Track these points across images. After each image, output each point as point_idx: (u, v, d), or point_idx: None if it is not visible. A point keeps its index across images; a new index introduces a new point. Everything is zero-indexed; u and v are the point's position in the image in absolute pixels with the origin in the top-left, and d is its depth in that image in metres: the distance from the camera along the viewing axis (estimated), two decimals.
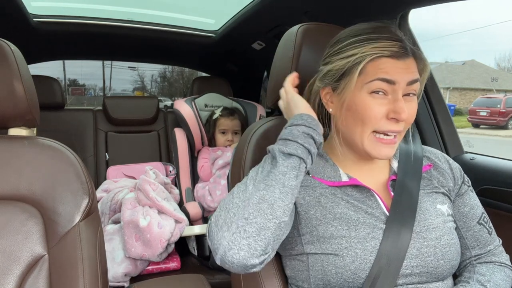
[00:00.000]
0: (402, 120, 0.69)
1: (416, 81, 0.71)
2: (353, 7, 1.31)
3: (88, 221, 0.74)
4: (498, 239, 0.82)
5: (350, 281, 0.67)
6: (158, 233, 1.51)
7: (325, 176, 0.76)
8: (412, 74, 0.70)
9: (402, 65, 0.69)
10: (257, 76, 2.51)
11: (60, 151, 0.76)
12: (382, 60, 0.69)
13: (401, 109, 0.68)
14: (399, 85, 0.69)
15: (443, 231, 0.72)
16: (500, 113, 12.06)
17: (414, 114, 0.72)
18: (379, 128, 0.70)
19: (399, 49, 0.69)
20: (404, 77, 0.69)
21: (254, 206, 0.62)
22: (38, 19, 1.89)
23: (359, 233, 0.69)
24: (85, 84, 19.09)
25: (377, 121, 0.69)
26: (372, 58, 0.68)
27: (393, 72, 0.68)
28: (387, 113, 0.69)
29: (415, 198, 0.73)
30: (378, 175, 0.78)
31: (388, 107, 0.69)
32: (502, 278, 0.75)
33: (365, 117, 0.70)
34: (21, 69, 0.75)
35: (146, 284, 0.89)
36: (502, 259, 0.80)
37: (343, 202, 0.72)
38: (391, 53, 0.68)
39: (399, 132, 0.71)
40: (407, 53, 0.70)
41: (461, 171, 0.83)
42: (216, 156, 1.91)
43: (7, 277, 0.68)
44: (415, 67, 0.71)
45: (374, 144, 0.71)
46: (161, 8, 2.13)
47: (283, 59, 0.94)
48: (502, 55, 40.99)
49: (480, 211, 0.81)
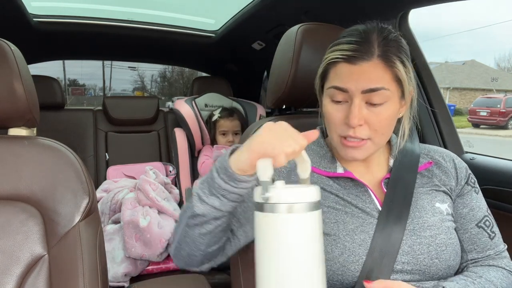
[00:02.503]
0: (353, 126, 0.67)
1: (375, 90, 0.66)
2: (353, 7, 1.31)
3: (88, 221, 0.74)
4: (503, 245, 0.77)
5: (339, 274, 0.67)
6: (158, 233, 1.51)
7: (321, 166, 0.77)
8: (368, 80, 0.66)
9: (357, 70, 0.67)
10: (257, 76, 2.51)
11: (60, 151, 0.76)
12: (339, 65, 0.69)
13: (352, 115, 0.67)
14: (353, 92, 0.67)
15: (440, 229, 0.71)
16: (500, 113, 12.07)
17: (382, 120, 0.69)
18: (341, 133, 0.71)
19: (355, 52, 0.66)
20: (357, 85, 0.66)
21: (182, 237, 0.68)
22: (38, 19, 1.89)
23: (347, 226, 0.69)
24: (85, 84, 19.07)
25: (337, 127, 0.71)
26: (332, 62, 0.70)
27: (346, 79, 0.67)
28: (344, 118, 0.69)
29: (410, 195, 0.73)
30: (375, 172, 0.78)
31: (345, 112, 0.69)
32: (497, 276, 0.71)
33: (329, 122, 0.73)
34: (21, 69, 0.75)
35: (146, 284, 0.89)
36: (502, 264, 0.75)
37: (332, 196, 0.73)
38: (346, 57, 0.67)
39: (359, 138, 0.69)
40: (366, 56, 0.66)
41: (467, 171, 0.80)
42: (219, 154, 1.90)
43: (7, 277, 0.68)
44: (377, 71, 0.67)
45: (341, 146, 0.72)
46: (161, 8, 2.13)
47: (283, 59, 0.94)
48: (502, 55, 41.04)
49: (482, 213, 0.77)
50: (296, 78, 0.91)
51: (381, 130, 0.70)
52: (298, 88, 0.92)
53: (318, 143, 0.80)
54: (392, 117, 0.71)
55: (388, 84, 0.68)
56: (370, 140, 0.71)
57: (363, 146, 0.71)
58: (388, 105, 0.69)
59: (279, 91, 0.96)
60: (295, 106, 1.05)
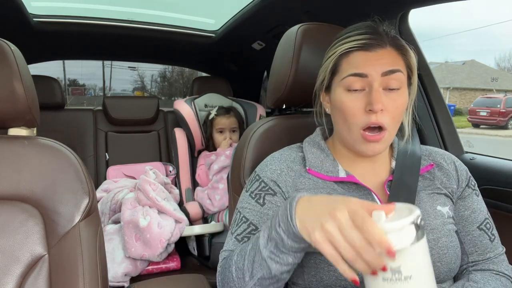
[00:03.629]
0: (376, 111, 0.67)
1: (394, 72, 0.69)
2: (353, 7, 1.31)
3: (88, 221, 0.74)
4: (501, 247, 0.78)
5: (342, 279, 0.67)
6: (158, 233, 1.51)
7: (323, 170, 0.76)
8: (387, 64, 0.68)
9: (374, 56, 0.69)
10: (257, 76, 2.51)
11: (60, 151, 0.76)
12: (353, 54, 0.70)
13: (374, 99, 0.67)
14: (372, 77, 0.68)
15: (442, 233, 0.71)
16: (500, 113, 12.06)
17: (399, 106, 0.70)
18: (361, 123, 0.70)
19: (369, 40, 0.69)
20: (376, 69, 0.68)
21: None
22: (38, 19, 1.89)
23: None
24: (85, 84, 19.11)
25: (356, 116, 0.70)
26: (345, 53, 0.71)
27: (363, 65, 0.69)
28: (364, 106, 0.69)
29: (412, 198, 0.73)
30: (378, 174, 0.78)
31: (365, 100, 0.69)
32: (496, 286, 0.71)
33: (346, 114, 0.71)
34: (21, 69, 0.75)
35: (146, 284, 0.89)
36: (501, 268, 0.75)
37: None
38: (361, 45, 0.70)
39: (381, 125, 0.69)
40: (380, 43, 0.69)
41: (467, 174, 0.80)
42: (210, 161, 1.90)
43: (7, 277, 0.68)
44: (393, 57, 0.70)
45: (362, 141, 0.71)
46: (161, 8, 2.13)
47: (283, 59, 0.94)
48: (502, 55, 41.07)
49: (483, 216, 0.77)
50: (296, 78, 0.91)
51: (397, 117, 0.71)
52: (298, 88, 0.92)
53: (318, 145, 0.80)
54: (405, 106, 0.72)
55: (402, 69, 0.71)
56: (387, 130, 0.70)
57: (383, 138, 0.71)
58: (402, 91, 0.71)
59: (279, 91, 0.96)
60: (295, 106, 1.05)
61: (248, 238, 0.72)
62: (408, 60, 0.72)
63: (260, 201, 0.74)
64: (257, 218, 0.73)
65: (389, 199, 0.73)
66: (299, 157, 0.79)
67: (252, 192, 0.76)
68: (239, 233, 0.73)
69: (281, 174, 0.76)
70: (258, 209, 0.74)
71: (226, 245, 0.75)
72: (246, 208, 0.75)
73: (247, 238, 0.72)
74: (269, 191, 0.75)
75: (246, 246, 0.66)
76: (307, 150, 0.80)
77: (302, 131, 0.88)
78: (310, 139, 0.82)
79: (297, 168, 0.77)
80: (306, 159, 0.78)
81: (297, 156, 0.80)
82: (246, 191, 0.78)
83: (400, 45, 0.71)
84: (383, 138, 0.70)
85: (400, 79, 0.70)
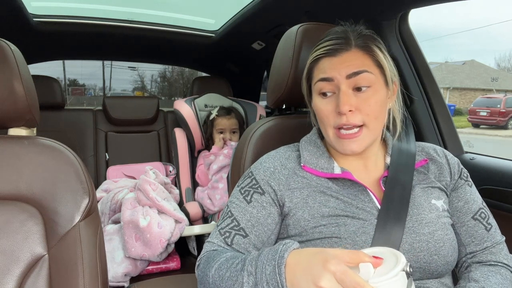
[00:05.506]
0: (344, 112, 0.70)
1: (359, 73, 0.71)
2: (353, 7, 1.31)
3: (88, 221, 0.74)
4: (500, 236, 0.78)
5: None
6: (158, 233, 1.51)
7: (317, 167, 0.77)
8: (351, 66, 0.71)
9: (338, 60, 0.72)
10: (257, 76, 2.51)
11: (60, 151, 0.76)
12: (322, 60, 0.75)
13: (341, 102, 0.70)
14: (338, 80, 0.71)
15: (437, 226, 0.72)
16: (500, 113, 12.06)
17: (372, 104, 0.71)
18: (334, 124, 0.73)
19: (335, 45, 0.73)
20: (341, 72, 0.71)
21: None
22: (38, 19, 1.89)
23: (349, 228, 0.70)
24: (85, 84, 19.12)
25: (329, 119, 0.73)
26: (315, 60, 0.75)
27: (329, 69, 0.72)
28: (335, 108, 0.72)
29: (407, 193, 0.74)
30: (372, 171, 0.79)
31: (335, 103, 0.72)
32: (497, 282, 0.72)
33: (321, 117, 0.75)
34: (21, 69, 0.75)
35: (146, 284, 0.90)
36: (500, 258, 0.76)
37: (333, 199, 0.73)
38: (327, 51, 0.73)
39: (354, 125, 0.71)
40: (345, 47, 0.72)
41: (459, 166, 0.82)
42: (209, 161, 1.91)
43: (7, 277, 0.68)
44: (358, 58, 0.72)
45: (337, 140, 0.74)
46: (161, 8, 2.13)
47: (283, 59, 0.94)
48: (502, 55, 41.08)
49: (477, 206, 0.79)
50: (296, 78, 0.91)
51: (373, 114, 0.72)
52: (298, 88, 0.92)
53: (315, 143, 0.81)
54: (382, 102, 0.73)
55: (370, 68, 0.72)
56: (365, 126, 0.72)
57: (359, 136, 0.72)
58: (375, 89, 0.72)
59: (279, 91, 0.96)
60: (295, 106, 1.05)
61: (230, 233, 0.74)
62: (376, 58, 0.73)
63: (248, 198, 0.76)
64: (241, 214, 0.75)
65: (384, 194, 0.74)
66: (294, 155, 0.81)
67: (242, 188, 0.78)
68: (222, 227, 0.75)
69: (274, 172, 0.77)
70: (244, 205, 0.75)
71: (211, 236, 0.77)
72: (234, 203, 0.77)
73: (229, 233, 0.74)
74: (258, 189, 0.76)
75: (225, 272, 0.63)
76: (303, 147, 0.81)
77: (302, 131, 0.89)
78: (307, 137, 0.84)
79: (291, 165, 0.79)
80: (301, 156, 0.79)
81: (293, 154, 0.81)
82: (237, 186, 0.80)
83: (365, 46, 0.73)
84: (361, 135, 0.72)
85: (368, 78, 0.71)
